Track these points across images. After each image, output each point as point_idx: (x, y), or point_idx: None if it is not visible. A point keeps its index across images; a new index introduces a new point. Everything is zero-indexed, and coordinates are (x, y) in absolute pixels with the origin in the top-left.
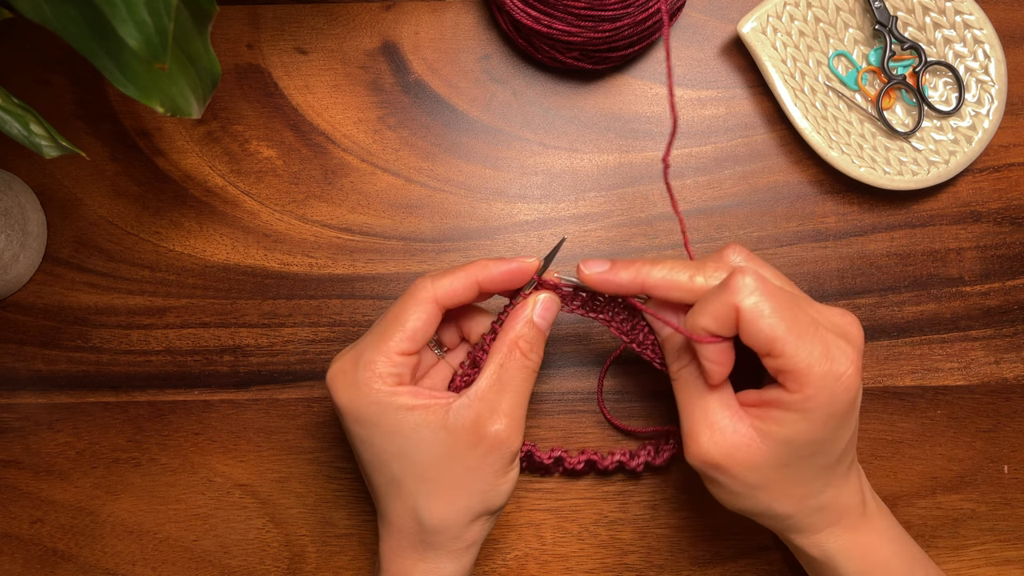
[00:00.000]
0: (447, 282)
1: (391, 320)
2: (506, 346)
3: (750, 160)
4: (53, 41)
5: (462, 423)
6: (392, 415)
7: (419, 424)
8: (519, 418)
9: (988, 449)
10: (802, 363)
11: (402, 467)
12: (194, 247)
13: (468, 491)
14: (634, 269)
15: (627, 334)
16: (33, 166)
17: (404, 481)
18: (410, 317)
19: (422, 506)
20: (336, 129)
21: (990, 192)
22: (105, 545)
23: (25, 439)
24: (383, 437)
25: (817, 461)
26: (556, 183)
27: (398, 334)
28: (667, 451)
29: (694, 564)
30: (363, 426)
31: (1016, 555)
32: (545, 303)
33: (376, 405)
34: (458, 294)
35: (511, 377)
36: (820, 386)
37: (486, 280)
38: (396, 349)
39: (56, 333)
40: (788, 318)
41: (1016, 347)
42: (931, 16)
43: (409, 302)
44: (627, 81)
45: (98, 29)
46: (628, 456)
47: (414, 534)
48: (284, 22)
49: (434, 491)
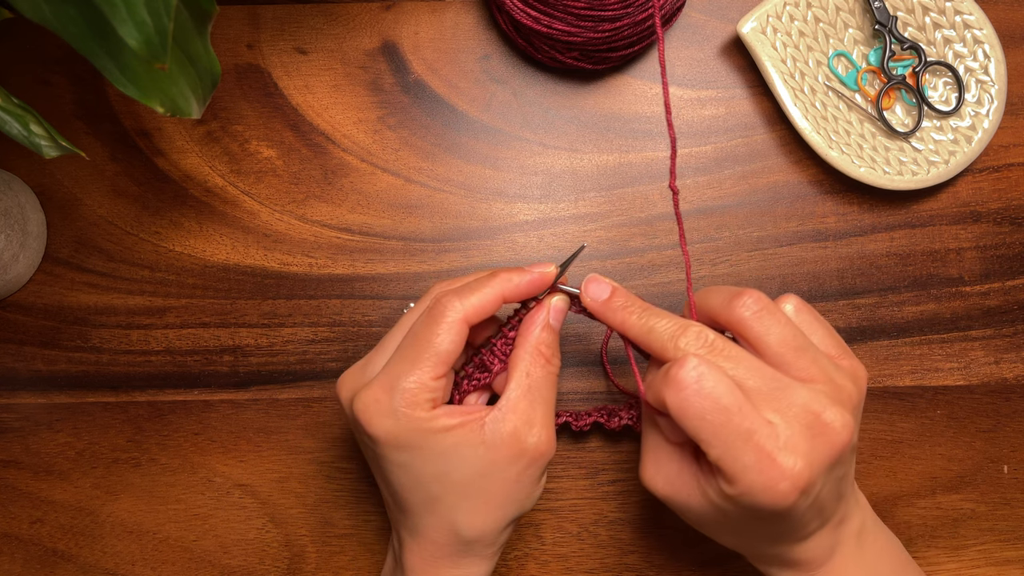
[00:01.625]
0: (475, 300)
1: (422, 343)
2: (529, 354)
3: (750, 160)
4: (53, 41)
5: (500, 437)
6: (432, 438)
7: (458, 443)
8: (552, 426)
9: (988, 449)
10: (728, 468)
11: (442, 486)
12: (194, 247)
13: (507, 501)
14: (621, 315)
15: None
16: (33, 166)
17: (443, 498)
18: (443, 340)
19: (461, 521)
20: (336, 129)
21: (990, 192)
22: (105, 545)
23: (25, 439)
24: (423, 460)
25: (771, 530)
26: (556, 183)
27: (432, 358)
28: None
29: (694, 564)
30: (402, 452)
31: (1016, 555)
32: (558, 306)
33: (417, 432)
34: (486, 311)
35: (539, 385)
36: (752, 488)
37: (511, 293)
38: (431, 374)
39: (56, 333)
40: (716, 425)
41: (1016, 347)
42: (931, 16)
43: (440, 323)
44: (627, 81)
45: (98, 29)
46: (635, 420)
47: (449, 546)
48: (284, 22)
49: (474, 506)
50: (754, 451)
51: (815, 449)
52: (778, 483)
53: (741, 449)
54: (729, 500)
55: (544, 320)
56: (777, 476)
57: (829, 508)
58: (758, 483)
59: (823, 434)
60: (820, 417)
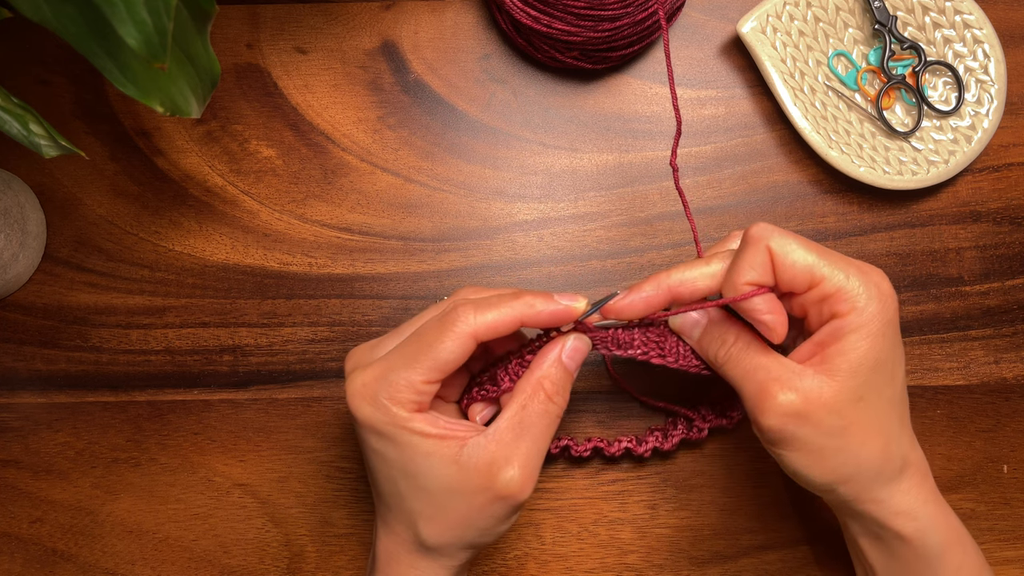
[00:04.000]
0: (490, 318)
1: (425, 344)
2: (531, 386)
3: (750, 160)
4: (53, 41)
5: (475, 463)
6: (407, 438)
7: (431, 452)
8: (534, 468)
9: (987, 449)
10: (842, 281)
11: (408, 487)
12: (193, 247)
13: (467, 525)
14: (653, 280)
15: (668, 355)
16: (32, 166)
17: (408, 499)
18: (444, 348)
19: (421, 525)
20: (336, 129)
21: (990, 192)
22: (104, 545)
23: (24, 439)
24: (396, 454)
25: (885, 391)
26: (555, 183)
27: (427, 363)
28: (676, 435)
29: (694, 564)
30: (378, 440)
31: (1015, 555)
32: (575, 345)
33: (392, 427)
34: (499, 331)
35: (532, 421)
36: (868, 296)
37: (530, 319)
38: (422, 378)
39: (55, 333)
40: (815, 248)
41: (1016, 347)
42: (931, 16)
43: (447, 331)
44: (627, 81)
45: (97, 29)
46: (635, 442)
47: (410, 544)
48: (283, 22)
49: (435, 518)
50: (849, 263)
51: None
52: (882, 279)
53: (841, 262)
54: (853, 344)
55: (556, 357)
56: (876, 275)
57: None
58: (870, 283)
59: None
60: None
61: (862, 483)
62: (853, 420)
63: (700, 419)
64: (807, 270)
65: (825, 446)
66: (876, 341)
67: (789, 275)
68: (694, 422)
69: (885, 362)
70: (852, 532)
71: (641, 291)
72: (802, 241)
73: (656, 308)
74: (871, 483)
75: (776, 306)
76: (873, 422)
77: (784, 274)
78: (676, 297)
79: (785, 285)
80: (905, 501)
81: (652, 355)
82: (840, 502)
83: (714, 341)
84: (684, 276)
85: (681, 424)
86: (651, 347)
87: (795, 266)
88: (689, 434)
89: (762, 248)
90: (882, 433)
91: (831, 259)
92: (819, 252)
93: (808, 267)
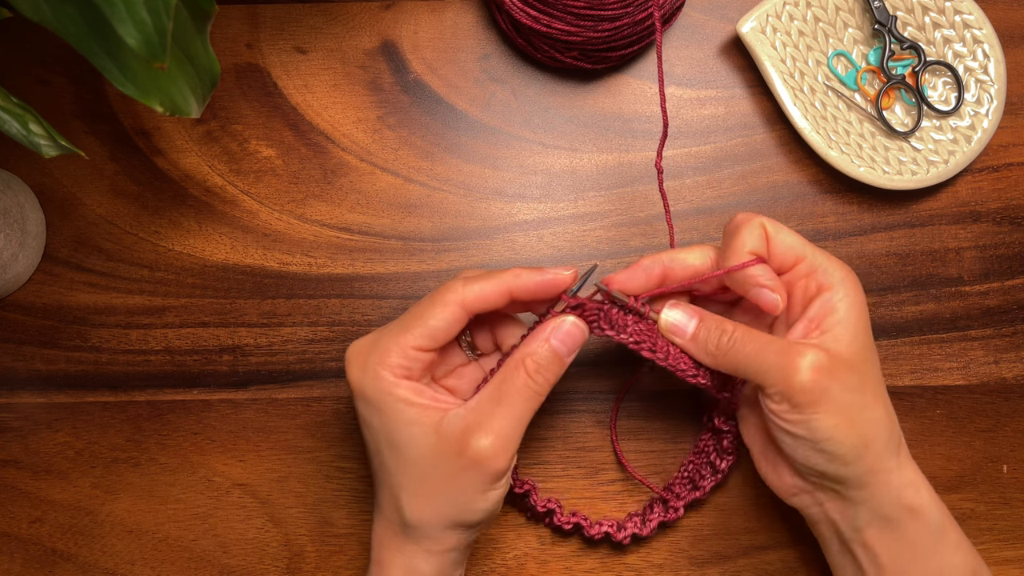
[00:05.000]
0: (477, 287)
1: (415, 314)
2: (514, 362)
3: (749, 160)
4: (52, 41)
5: (451, 431)
6: (391, 404)
7: (413, 420)
8: (509, 438)
9: (987, 449)
10: (823, 261)
11: (392, 457)
12: (193, 247)
13: (445, 498)
14: (649, 256)
15: (659, 351)
16: (32, 166)
17: (392, 471)
18: (434, 315)
19: (403, 500)
20: (335, 129)
21: (989, 192)
22: (104, 545)
23: (24, 439)
24: (380, 422)
25: (873, 358)
26: (555, 183)
27: (417, 329)
28: (653, 520)
29: (693, 564)
30: (366, 406)
31: (1015, 555)
32: (568, 329)
33: (378, 392)
34: (488, 301)
35: (510, 395)
36: (845, 274)
37: (518, 289)
38: (411, 343)
39: (55, 333)
40: (797, 234)
41: (1015, 347)
42: (930, 16)
43: (436, 301)
44: (626, 81)
45: (97, 28)
46: (615, 528)
47: (396, 524)
48: (283, 21)
49: (415, 489)
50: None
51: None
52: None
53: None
54: (842, 315)
55: (544, 336)
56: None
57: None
58: (842, 267)
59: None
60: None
61: (879, 448)
62: (866, 378)
63: (674, 498)
64: (794, 247)
65: (852, 403)
66: (862, 312)
67: (780, 250)
68: (668, 503)
69: (869, 334)
70: (857, 525)
71: (639, 267)
72: (786, 227)
73: (654, 284)
74: (885, 449)
75: (774, 275)
76: (877, 385)
77: (776, 248)
78: (668, 274)
79: (776, 259)
80: (910, 471)
81: (644, 347)
82: (858, 479)
83: (713, 331)
84: (675, 255)
85: (658, 507)
86: (644, 338)
87: (784, 243)
88: (666, 516)
89: (757, 225)
90: (883, 397)
91: (812, 245)
92: (801, 238)
93: (795, 246)
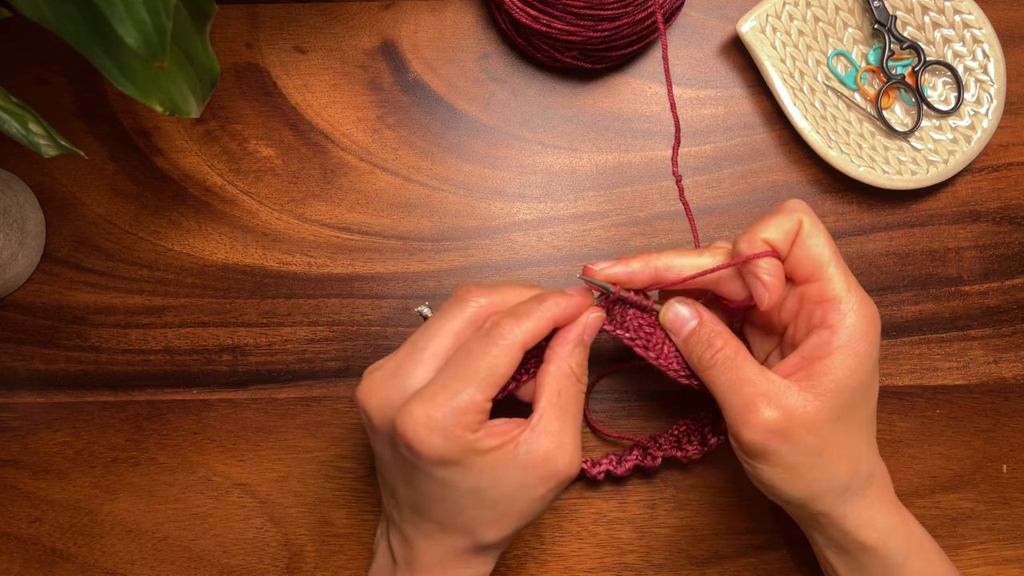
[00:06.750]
0: (530, 326)
1: (478, 362)
2: (562, 372)
3: (749, 159)
4: (52, 40)
5: (533, 459)
6: (475, 459)
7: (495, 464)
8: (578, 446)
9: (987, 449)
10: (842, 291)
11: (473, 501)
12: (193, 246)
13: (527, 514)
14: (643, 257)
15: (651, 349)
16: (32, 165)
17: (469, 511)
18: (499, 363)
19: (482, 531)
20: (335, 128)
21: (989, 192)
22: (104, 544)
23: (24, 438)
24: (463, 478)
25: (860, 412)
26: (555, 182)
27: (487, 379)
28: (629, 461)
29: (693, 564)
30: (446, 469)
31: (1015, 554)
32: (593, 324)
33: (464, 452)
34: (540, 337)
35: (569, 405)
36: (860, 315)
37: (562, 319)
38: (484, 395)
39: (55, 332)
40: (835, 252)
41: (1015, 347)
42: (930, 16)
43: (498, 345)
44: (626, 80)
45: (97, 28)
46: (590, 464)
47: (463, 549)
48: (283, 21)
49: (499, 519)
50: (852, 277)
51: None
52: (871, 301)
53: (846, 272)
54: (839, 363)
55: (578, 337)
56: (868, 296)
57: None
58: (864, 301)
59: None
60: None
61: (831, 499)
62: (829, 439)
63: (655, 447)
64: (818, 261)
65: (801, 463)
66: (861, 363)
67: (802, 255)
68: (648, 449)
69: (866, 384)
70: (818, 544)
71: (628, 265)
72: (829, 238)
73: (638, 285)
74: (838, 498)
75: (779, 273)
76: (847, 442)
77: (799, 251)
78: (660, 280)
79: (792, 263)
80: (867, 513)
81: (638, 344)
82: (807, 516)
83: (700, 343)
84: (673, 262)
85: (636, 451)
86: (639, 335)
87: (811, 250)
88: (643, 462)
89: (795, 219)
90: (853, 452)
91: (842, 268)
92: (836, 255)
93: (821, 259)
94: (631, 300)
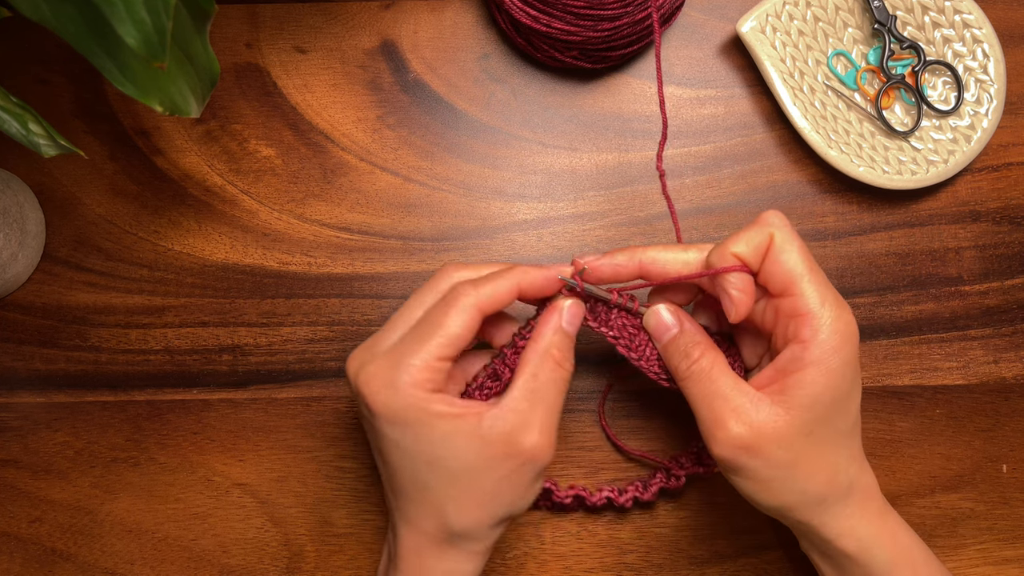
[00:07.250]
0: (490, 289)
1: (431, 324)
2: (539, 355)
3: (749, 159)
4: (52, 40)
5: (496, 435)
6: (427, 420)
7: (452, 432)
8: (552, 430)
9: (987, 448)
10: (815, 306)
11: (432, 472)
12: (193, 246)
13: (497, 500)
14: (628, 251)
15: (634, 350)
16: (32, 165)
17: (433, 486)
18: (452, 323)
19: (451, 511)
20: (335, 128)
21: (989, 191)
22: (104, 544)
23: (24, 438)
24: (415, 441)
25: (838, 425)
26: (555, 182)
27: (438, 339)
28: (655, 485)
29: (693, 564)
30: (396, 428)
31: (1014, 554)
32: (572, 309)
33: (412, 409)
34: (501, 302)
35: (546, 388)
36: (832, 331)
37: (528, 287)
38: (436, 354)
39: (55, 332)
40: (809, 264)
41: (1015, 346)
42: (930, 15)
43: (451, 308)
44: (626, 80)
45: (97, 28)
46: (617, 492)
47: (438, 535)
48: (283, 21)
49: (464, 498)
50: (829, 289)
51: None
52: (850, 315)
53: (823, 284)
54: (812, 378)
55: (556, 323)
56: (847, 309)
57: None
58: (840, 317)
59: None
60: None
61: (808, 509)
62: (801, 454)
63: (677, 467)
64: (790, 276)
65: (774, 476)
66: (832, 378)
67: (773, 269)
68: (672, 471)
69: (840, 399)
70: (805, 547)
71: (613, 258)
72: (803, 251)
73: (624, 278)
74: (816, 507)
75: (748, 287)
76: (821, 455)
77: (770, 266)
78: (645, 273)
79: (764, 276)
80: (848, 523)
81: (621, 343)
82: (789, 522)
83: (678, 352)
84: (658, 256)
85: (660, 474)
86: (623, 335)
87: (783, 265)
88: (668, 484)
89: (765, 232)
90: (830, 465)
91: (817, 281)
92: (810, 269)
93: (792, 274)
94: (614, 302)
